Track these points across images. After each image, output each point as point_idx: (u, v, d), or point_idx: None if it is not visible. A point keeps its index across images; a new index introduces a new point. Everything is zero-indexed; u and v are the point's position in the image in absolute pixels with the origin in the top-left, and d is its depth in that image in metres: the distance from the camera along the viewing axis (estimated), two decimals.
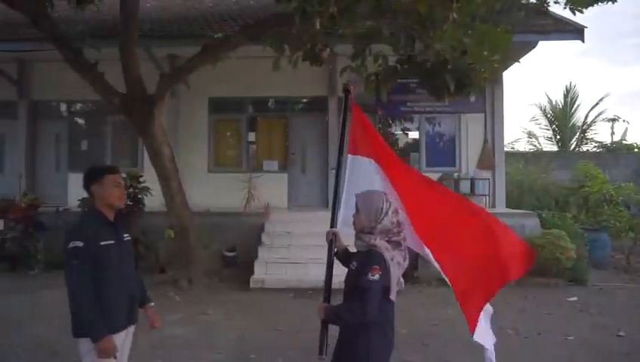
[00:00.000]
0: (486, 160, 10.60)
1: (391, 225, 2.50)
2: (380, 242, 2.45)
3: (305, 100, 11.27)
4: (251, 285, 7.68)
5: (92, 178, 2.79)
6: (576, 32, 8.61)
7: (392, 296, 2.46)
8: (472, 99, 10.73)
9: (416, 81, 5.09)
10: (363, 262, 2.43)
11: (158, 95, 6.57)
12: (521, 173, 12.85)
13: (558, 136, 21.22)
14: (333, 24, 4.73)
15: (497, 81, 9.96)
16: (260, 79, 10.64)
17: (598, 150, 18.74)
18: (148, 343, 5.02)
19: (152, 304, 3.04)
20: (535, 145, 21.25)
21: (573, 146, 20.66)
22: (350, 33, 4.71)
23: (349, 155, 3.14)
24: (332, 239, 2.85)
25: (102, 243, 2.64)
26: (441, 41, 4.33)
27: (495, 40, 3.83)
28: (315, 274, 7.83)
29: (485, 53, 3.89)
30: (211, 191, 10.30)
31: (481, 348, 3.86)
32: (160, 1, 12.50)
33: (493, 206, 10.42)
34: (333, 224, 2.97)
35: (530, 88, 39.67)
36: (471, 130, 10.78)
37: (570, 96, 20.97)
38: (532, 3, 8.61)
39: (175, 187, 7.20)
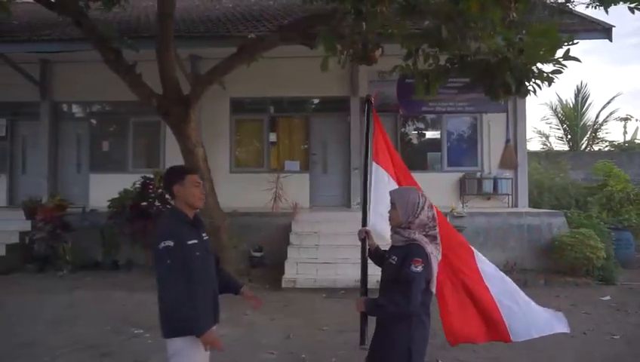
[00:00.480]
0: (508, 159, 10.60)
1: (427, 219, 2.59)
2: (418, 236, 2.54)
3: (326, 100, 11.25)
4: (283, 285, 7.68)
5: (174, 178, 2.78)
6: (604, 31, 8.61)
7: (433, 288, 2.57)
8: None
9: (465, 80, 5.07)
10: (403, 255, 2.52)
11: (193, 96, 6.58)
12: (538, 172, 12.84)
13: (569, 136, 21.24)
14: (381, 24, 4.75)
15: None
16: (282, 79, 10.69)
17: (611, 149, 18.72)
18: None
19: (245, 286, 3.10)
20: (546, 145, 21.28)
21: (584, 146, 20.68)
22: (399, 33, 4.70)
23: (374, 163, 3.29)
24: (365, 237, 2.94)
25: (189, 242, 2.64)
26: (493, 41, 4.35)
27: (552, 38, 3.83)
28: (346, 274, 7.86)
29: (542, 52, 3.89)
30: (233, 192, 10.27)
31: (528, 346, 3.92)
32: (179, 2, 12.55)
33: (516, 205, 10.43)
34: (365, 223, 3.04)
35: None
36: (493, 130, 10.77)
37: (581, 96, 20.98)
38: (557, 2, 8.64)
39: (208, 187, 7.21)
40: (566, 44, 3.77)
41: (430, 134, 11.29)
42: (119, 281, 8.07)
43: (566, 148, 20.74)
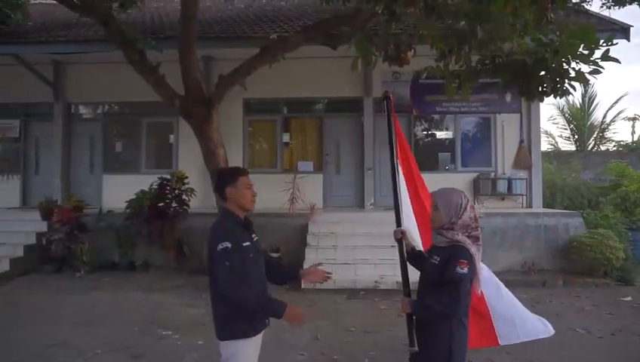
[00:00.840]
0: (523, 160, 10.60)
1: (469, 220, 2.60)
2: (462, 237, 2.55)
3: (340, 101, 11.25)
4: (303, 286, 7.65)
5: (227, 180, 2.77)
6: (622, 30, 8.60)
7: (478, 289, 2.62)
8: (509, 99, 10.86)
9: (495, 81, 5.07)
10: (447, 256, 2.52)
11: (216, 96, 6.58)
12: (550, 172, 12.82)
13: (576, 136, 21.24)
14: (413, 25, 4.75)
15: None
16: (295, 80, 10.68)
17: (619, 149, 18.71)
18: None
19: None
20: (553, 145, 21.27)
21: (591, 146, 20.67)
22: (430, 34, 4.70)
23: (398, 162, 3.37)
24: (401, 237, 2.96)
25: (243, 244, 2.64)
26: (523, 41, 4.35)
27: (589, 39, 3.83)
28: (365, 275, 7.87)
29: (579, 52, 3.89)
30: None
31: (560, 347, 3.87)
32: None
33: (530, 206, 10.42)
34: (399, 223, 3.05)
35: None
36: (506, 130, 10.77)
37: (588, 96, 20.98)
38: (572, 2, 8.64)
39: None
40: (605, 44, 3.76)
41: (443, 135, 11.27)
42: (137, 282, 8.06)
43: (573, 148, 20.75)
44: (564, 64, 4.04)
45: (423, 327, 2.62)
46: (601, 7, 10.19)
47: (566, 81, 3.95)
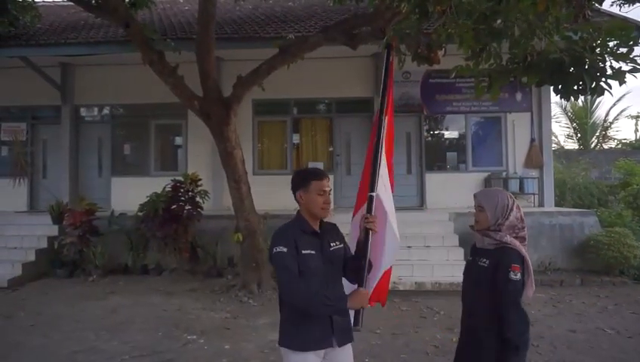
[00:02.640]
0: (534, 159, 10.58)
1: (516, 220, 2.55)
2: (510, 239, 2.49)
3: (350, 101, 11.20)
4: None
5: (298, 183, 2.60)
6: (637, 29, 8.56)
7: (530, 293, 2.52)
8: (519, 98, 10.85)
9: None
10: (497, 259, 2.47)
11: (234, 98, 6.53)
12: (559, 171, 12.82)
13: (578, 135, 21.29)
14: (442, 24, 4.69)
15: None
16: (305, 80, 10.61)
17: (624, 148, 18.76)
18: (256, 348, 4.99)
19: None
20: (556, 144, 21.29)
21: (593, 144, 20.73)
22: (459, 32, 4.64)
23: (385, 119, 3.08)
24: (371, 227, 2.64)
25: (303, 251, 2.47)
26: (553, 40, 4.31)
27: (627, 37, 3.79)
28: None
29: (617, 50, 3.85)
30: (257, 194, 10.18)
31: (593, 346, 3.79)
32: (194, 4, 12.48)
33: (542, 205, 10.40)
34: (370, 209, 2.73)
35: None
36: (517, 129, 10.75)
37: None
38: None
39: (245, 190, 7.15)
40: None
41: (454, 134, 11.24)
42: (152, 285, 7.99)
43: (575, 147, 20.81)
44: (601, 62, 4.00)
45: (474, 328, 2.57)
46: (611, 5, 10.16)
47: (603, 79, 3.90)
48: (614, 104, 20.64)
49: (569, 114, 21.33)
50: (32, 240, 8.86)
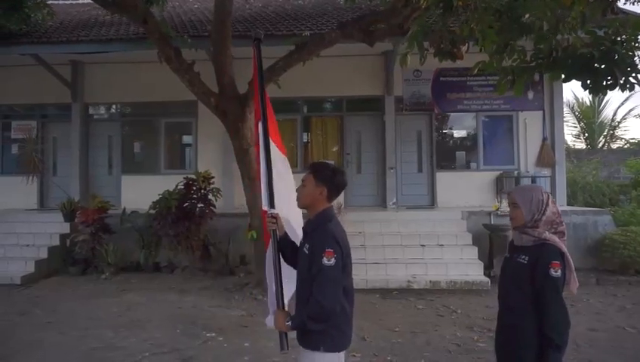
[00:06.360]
0: (546, 157, 10.53)
1: (553, 215, 2.50)
2: (549, 235, 2.45)
3: (360, 100, 11.16)
4: None
5: (331, 183, 2.54)
6: None
7: (574, 288, 2.47)
8: (531, 96, 10.79)
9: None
10: (536, 255, 2.42)
11: (250, 94, 6.48)
12: (569, 170, 12.76)
13: (586, 134, 21.20)
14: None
15: None
16: (315, 79, 10.56)
17: (632, 147, 18.67)
18: (277, 346, 4.93)
19: None
20: (564, 143, 21.18)
21: (601, 144, 20.64)
22: (480, 28, 4.60)
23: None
24: (275, 227, 2.59)
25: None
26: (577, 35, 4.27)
27: None
28: (396, 275, 7.80)
29: None
30: None
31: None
32: (203, 2, 12.47)
33: None
34: (271, 203, 2.65)
35: None
36: (529, 128, 10.69)
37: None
38: None
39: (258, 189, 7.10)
40: None
41: (465, 133, 11.19)
42: (165, 283, 7.97)
43: (582, 146, 20.73)
44: (630, 57, 3.96)
45: (510, 326, 2.52)
46: (625, 2, 10.10)
47: (633, 73, 3.85)
48: (622, 103, 20.43)
49: (576, 113, 21.25)
50: (44, 238, 8.85)
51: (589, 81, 4.18)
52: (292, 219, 2.81)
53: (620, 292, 7.33)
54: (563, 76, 4.46)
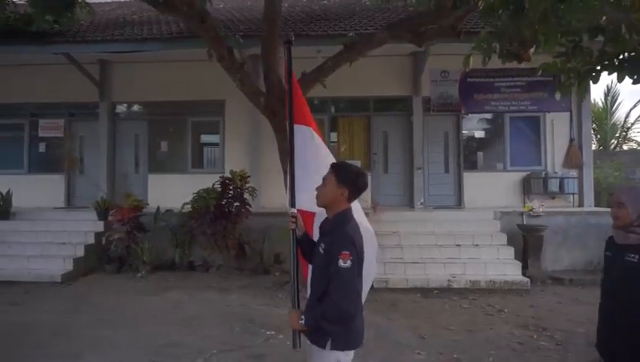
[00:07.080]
0: (573, 158, 10.58)
1: None
2: None
3: (388, 100, 11.20)
4: (375, 285, 7.61)
5: (354, 184, 2.51)
6: None
7: None
8: (558, 97, 10.82)
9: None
10: None
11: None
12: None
13: (598, 136, 21.27)
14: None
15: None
16: (342, 79, 10.51)
17: None
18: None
19: None
20: None
21: (613, 145, 20.71)
22: (549, 30, 4.65)
23: (295, 125, 2.85)
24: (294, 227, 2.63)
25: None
26: None
27: None
28: (435, 274, 7.84)
29: None
30: None
31: None
32: (230, 2, 12.51)
33: (582, 205, 10.39)
34: (292, 202, 2.70)
35: None
36: (556, 129, 10.74)
37: (611, 95, 21.04)
38: None
39: None
40: None
41: (492, 133, 11.24)
42: (203, 282, 8.00)
43: (594, 147, 20.78)
44: None
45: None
46: None
47: None
48: (634, 106, 20.52)
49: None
50: (79, 236, 8.87)
51: None
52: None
53: None
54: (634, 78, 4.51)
